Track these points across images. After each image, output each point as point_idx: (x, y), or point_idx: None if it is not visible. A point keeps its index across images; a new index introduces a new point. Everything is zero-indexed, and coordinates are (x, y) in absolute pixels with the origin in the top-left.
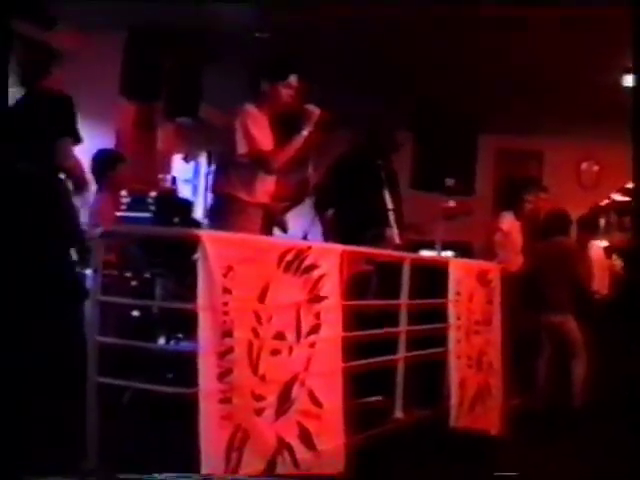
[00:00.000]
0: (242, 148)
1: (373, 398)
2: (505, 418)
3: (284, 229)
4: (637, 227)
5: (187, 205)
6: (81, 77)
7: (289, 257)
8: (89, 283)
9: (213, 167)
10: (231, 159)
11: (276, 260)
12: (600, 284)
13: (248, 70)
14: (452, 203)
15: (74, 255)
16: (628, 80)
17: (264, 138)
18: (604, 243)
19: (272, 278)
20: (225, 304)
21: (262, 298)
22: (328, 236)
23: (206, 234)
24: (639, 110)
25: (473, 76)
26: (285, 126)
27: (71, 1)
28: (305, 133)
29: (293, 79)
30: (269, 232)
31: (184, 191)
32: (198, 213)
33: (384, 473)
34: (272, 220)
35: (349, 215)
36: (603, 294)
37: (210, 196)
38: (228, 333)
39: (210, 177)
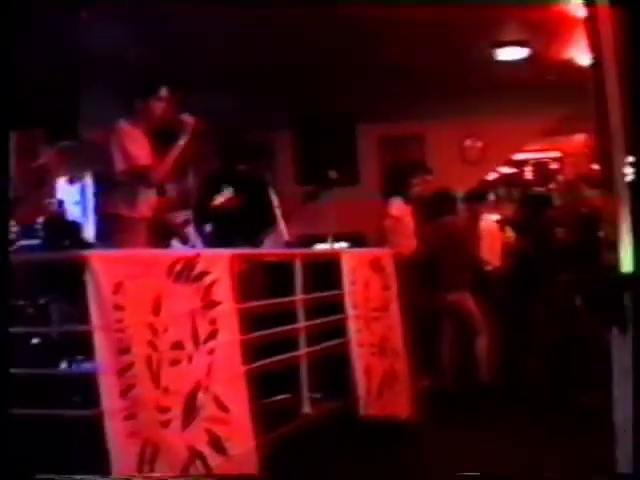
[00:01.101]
0: (120, 165)
1: (279, 397)
2: (414, 401)
3: (185, 241)
4: None
5: (76, 227)
6: None
7: (178, 267)
8: None
9: (95, 187)
10: (111, 177)
11: (165, 271)
12: (493, 256)
13: (118, 88)
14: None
15: None
16: (501, 54)
17: (141, 153)
18: (495, 216)
19: (163, 290)
20: (119, 321)
21: (156, 311)
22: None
23: (92, 254)
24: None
25: (346, 68)
26: (161, 138)
27: None
28: (182, 143)
29: (163, 92)
30: (161, 245)
31: (73, 213)
32: (88, 234)
33: (298, 470)
34: (162, 233)
35: (231, 224)
36: (496, 266)
37: (94, 217)
38: (125, 350)
39: (96, 197)
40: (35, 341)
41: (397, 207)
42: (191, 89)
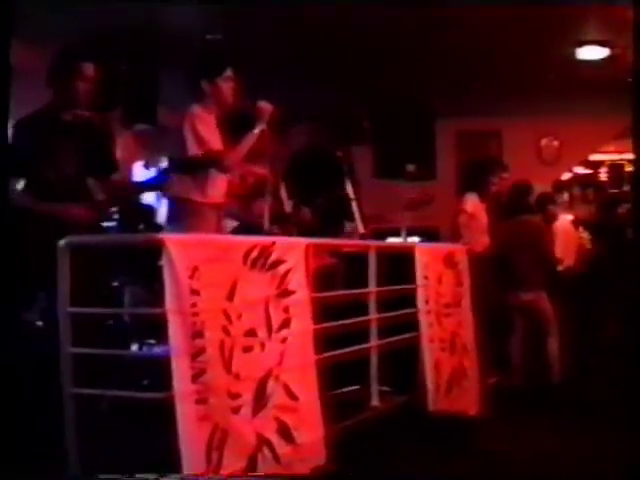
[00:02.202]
0: (193, 150)
1: (349, 388)
2: (483, 398)
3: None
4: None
5: (150, 211)
6: (35, 92)
7: (254, 254)
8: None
9: (169, 171)
10: (184, 162)
11: (241, 258)
12: (567, 256)
13: (187, 72)
14: (415, 194)
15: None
16: (581, 53)
17: (213, 137)
18: (570, 216)
19: (239, 276)
20: (194, 305)
21: (230, 296)
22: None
23: (169, 237)
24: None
25: (427, 62)
26: (238, 124)
27: (23, 15)
28: (257, 131)
29: (229, 72)
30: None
31: (147, 197)
32: (162, 218)
33: (365, 461)
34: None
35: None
36: (569, 266)
37: (167, 201)
38: (199, 334)
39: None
40: (107, 323)
41: (472, 203)
42: (272, 77)
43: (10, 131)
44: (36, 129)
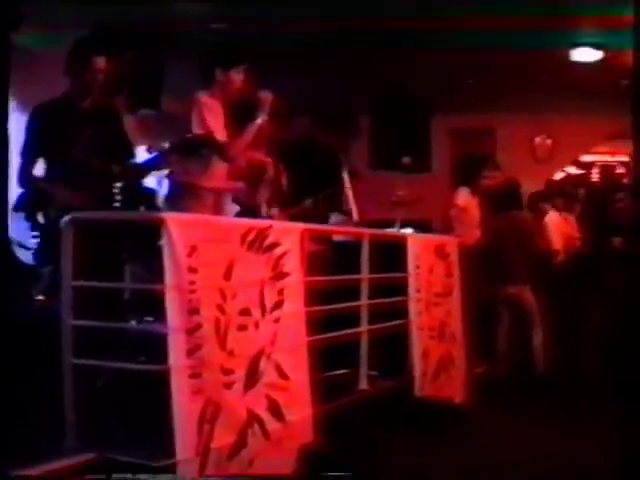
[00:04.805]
0: None
1: (338, 371)
2: (468, 386)
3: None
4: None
5: (151, 194)
6: (45, 77)
7: (251, 236)
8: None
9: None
10: (187, 147)
11: (239, 239)
12: (559, 250)
13: (201, 59)
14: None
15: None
16: (576, 55)
17: (219, 126)
18: (560, 214)
19: (236, 257)
20: (191, 283)
21: (227, 276)
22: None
23: (169, 216)
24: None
25: (424, 60)
26: (240, 113)
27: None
28: (260, 121)
29: (244, 64)
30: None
31: (149, 181)
32: (162, 202)
33: (351, 442)
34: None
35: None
36: (558, 261)
37: (168, 185)
38: (195, 310)
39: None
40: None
41: (463, 197)
42: (271, 67)
43: (29, 116)
44: (56, 115)
